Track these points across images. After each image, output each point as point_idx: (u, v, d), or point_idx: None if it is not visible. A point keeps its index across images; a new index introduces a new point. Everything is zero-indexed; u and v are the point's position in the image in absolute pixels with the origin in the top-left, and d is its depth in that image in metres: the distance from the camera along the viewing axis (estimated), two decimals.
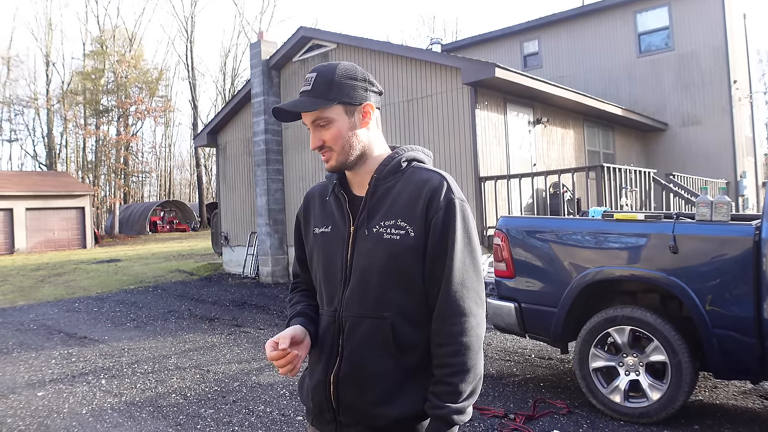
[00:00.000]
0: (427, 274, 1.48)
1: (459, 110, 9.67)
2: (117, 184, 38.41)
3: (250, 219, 13.87)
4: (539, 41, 17.08)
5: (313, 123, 1.51)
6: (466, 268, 1.47)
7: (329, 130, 1.51)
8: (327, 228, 1.59)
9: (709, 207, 4.03)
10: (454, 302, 1.44)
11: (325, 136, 1.51)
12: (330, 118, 1.50)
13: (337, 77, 1.50)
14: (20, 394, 5.35)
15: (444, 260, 1.45)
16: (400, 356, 1.47)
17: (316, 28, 12.24)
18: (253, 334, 7.61)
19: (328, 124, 1.50)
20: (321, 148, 1.53)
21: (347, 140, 1.51)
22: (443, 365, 1.44)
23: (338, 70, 1.51)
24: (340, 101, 1.50)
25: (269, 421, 4.42)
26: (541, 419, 4.22)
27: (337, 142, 1.51)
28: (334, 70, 1.52)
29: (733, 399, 4.58)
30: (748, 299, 3.69)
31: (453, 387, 1.42)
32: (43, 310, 10.42)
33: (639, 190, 9.31)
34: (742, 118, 15.06)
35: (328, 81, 1.50)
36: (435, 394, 1.43)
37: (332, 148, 1.52)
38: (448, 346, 1.43)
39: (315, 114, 1.50)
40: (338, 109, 1.50)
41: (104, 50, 37.93)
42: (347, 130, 1.52)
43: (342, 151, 1.52)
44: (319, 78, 1.50)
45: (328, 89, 1.49)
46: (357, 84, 1.53)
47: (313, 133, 1.53)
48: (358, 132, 1.53)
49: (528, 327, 4.73)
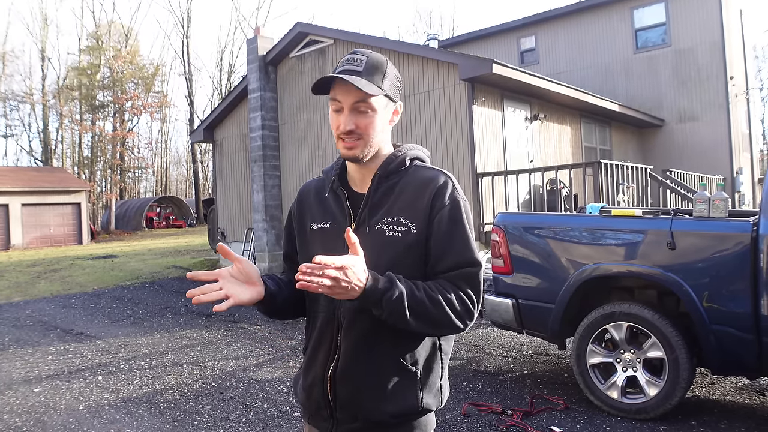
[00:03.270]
0: (432, 266, 1.47)
1: (456, 106, 9.65)
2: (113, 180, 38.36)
3: (246, 215, 13.84)
4: (536, 37, 17.07)
5: (353, 105, 1.44)
6: (473, 255, 1.47)
7: (367, 118, 1.46)
8: (326, 224, 1.57)
9: (706, 203, 4.04)
10: (463, 277, 1.44)
11: (361, 122, 1.46)
12: (374, 106, 1.46)
13: (389, 69, 1.50)
14: (17, 391, 5.34)
15: (452, 256, 1.45)
16: (398, 352, 1.46)
17: (313, 24, 12.20)
18: (250, 331, 7.60)
19: (368, 111, 1.46)
20: (351, 132, 1.46)
21: (377, 134, 1.49)
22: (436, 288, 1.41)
23: (388, 63, 1.51)
24: (387, 94, 1.48)
25: (266, 418, 4.42)
26: (539, 415, 4.23)
27: (369, 132, 1.47)
28: (384, 60, 1.50)
29: (730, 395, 4.59)
30: (746, 295, 3.70)
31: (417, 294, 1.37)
32: (39, 306, 10.39)
33: (636, 186, 9.31)
34: (738, 115, 15.08)
35: (380, 69, 1.47)
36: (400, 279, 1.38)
37: (362, 136, 1.47)
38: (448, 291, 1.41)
39: (361, 95, 1.43)
40: (383, 100, 1.49)
41: (100, 45, 37.79)
42: (381, 124, 1.50)
43: (369, 143, 1.48)
44: (370, 62, 1.47)
45: (380, 77, 1.47)
46: (397, 83, 1.54)
47: (349, 114, 1.45)
48: (386, 129, 1.53)
49: (525, 323, 4.73)
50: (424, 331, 1.43)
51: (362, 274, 1.32)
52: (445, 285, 1.43)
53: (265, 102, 12.54)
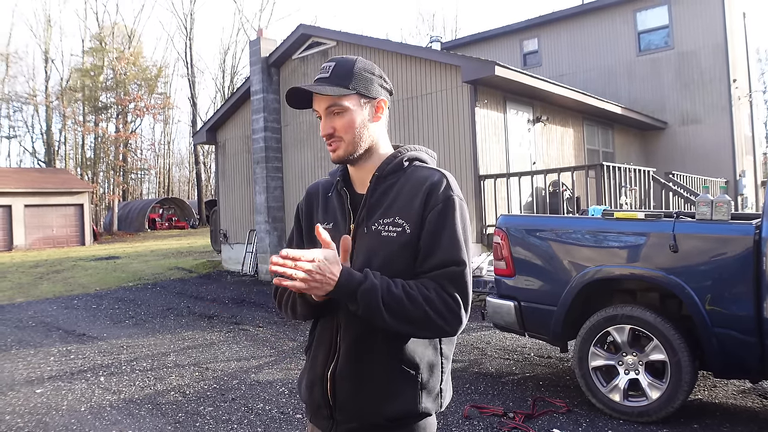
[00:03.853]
0: (419, 264, 1.45)
1: (459, 108, 9.66)
2: (116, 181, 38.43)
3: (249, 217, 13.85)
4: (539, 39, 17.07)
5: (327, 109, 1.50)
6: (460, 253, 1.44)
7: (342, 119, 1.49)
8: (328, 225, 1.58)
9: (709, 206, 4.03)
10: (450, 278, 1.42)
11: (337, 124, 1.49)
12: (345, 106, 1.49)
13: (356, 68, 1.51)
14: (19, 391, 5.34)
15: (438, 254, 1.43)
16: (397, 355, 1.46)
17: (315, 26, 12.22)
18: (252, 332, 7.60)
19: (342, 112, 1.49)
20: (331, 136, 1.51)
21: (358, 132, 1.51)
22: (417, 284, 1.39)
23: (357, 62, 1.53)
24: (358, 91, 1.50)
25: (268, 419, 4.41)
26: (541, 418, 4.22)
27: (348, 132, 1.50)
28: (353, 61, 1.53)
29: (733, 398, 4.58)
30: (748, 298, 3.69)
31: (393, 291, 1.36)
32: (41, 307, 10.40)
33: (638, 188, 9.31)
34: (741, 117, 15.06)
35: (347, 70, 1.50)
36: (376, 274, 1.38)
37: (342, 137, 1.50)
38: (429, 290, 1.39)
39: (331, 100, 1.48)
40: (355, 98, 1.50)
41: (103, 47, 37.88)
42: (360, 121, 1.51)
43: (351, 142, 1.51)
44: (338, 66, 1.50)
45: (348, 78, 1.49)
46: (374, 78, 1.54)
47: (325, 119, 1.51)
48: (370, 125, 1.53)
49: (527, 325, 4.73)
50: (403, 330, 1.39)
51: (336, 267, 1.32)
52: (426, 283, 1.40)
53: (267, 104, 12.56)
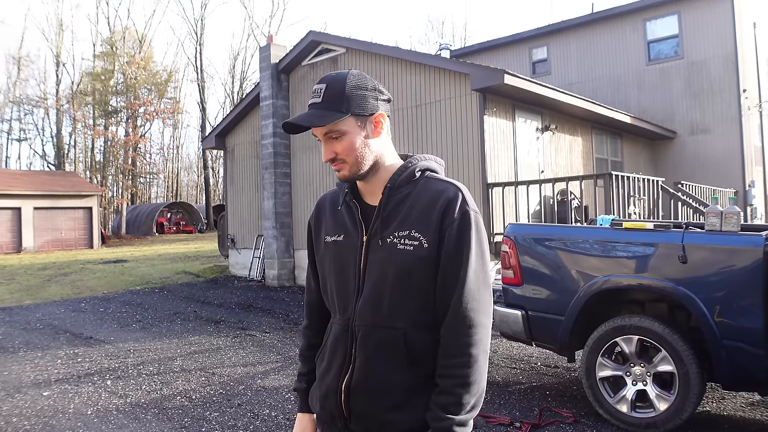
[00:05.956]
0: (439, 284, 1.47)
1: (467, 116, 9.66)
2: (125, 185, 38.55)
3: (256, 222, 13.89)
4: (548, 48, 17.07)
5: (326, 135, 1.49)
6: (478, 281, 1.46)
7: (342, 143, 1.48)
8: (339, 236, 1.58)
9: (718, 217, 4.01)
10: (466, 314, 1.43)
11: (338, 148, 1.49)
12: (342, 130, 1.47)
13: (348, 88, 1.47)
14: (26, 394, 5.37)
15: (458, 272, 1.44)
16: (412, 366, 1.46)
17: (325, 33, 12.28)
18: (259, 338, 7.61)
19: (340, 137, 1.48)
20: (333, 160, 1.50)
21: (360, 152, 1.50)
22: (450, 375, 1.43)
23: (348, 80, 1.49)
24: (352, 113, 1.47)
25: (274, 426, 4.41)
26: (547, 428, 4.20)
27: (350, 154, 1.49)
28: (344, 80, 1.49)
29: (741, 410, 4.54)
30: (758, 310, 3.66)
31: (458, 398, 1.40)
32: (49, 309, 10.46)
33: (647, 198, 9.27)
34: (751, 128, 14.98)
35: (339, 92, 1.47)
36: (439, 404, 1.41)
37: (345, 159, 1.50)
38: (456, 357, 1.43)
39: (327, 127, 1.47)
40: (350, 120, 1.48)
41: (114, 51, 38.11)
42: (360, 141, 1.49)
43: (355, 163, 1.50)
44: (329, 89, 1.47)
45: (339, 101, 1.47)
46: (367, 94, 1.50)
47: (325, 145, 1.50)
48: (371, 142, 1.52)
49: (535, 335, 4.71)
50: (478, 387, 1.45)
51: None
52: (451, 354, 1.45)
53: (277, 110, 12.60)
